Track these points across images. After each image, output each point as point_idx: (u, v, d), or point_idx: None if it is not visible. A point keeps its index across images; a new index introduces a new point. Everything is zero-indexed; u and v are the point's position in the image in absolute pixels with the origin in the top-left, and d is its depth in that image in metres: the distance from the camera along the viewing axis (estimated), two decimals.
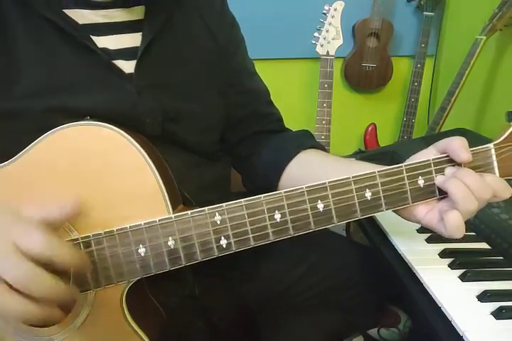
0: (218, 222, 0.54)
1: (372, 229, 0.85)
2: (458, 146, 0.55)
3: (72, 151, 0.55)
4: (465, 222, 0.55)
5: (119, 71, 0.65)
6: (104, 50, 0.64)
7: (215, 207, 0.55)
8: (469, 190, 0.54)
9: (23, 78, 0.60)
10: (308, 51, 1.73)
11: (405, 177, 0.57)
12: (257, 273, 0.83)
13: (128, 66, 0.66)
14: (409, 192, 0.57)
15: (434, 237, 0.77)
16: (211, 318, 0.75)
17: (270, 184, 0.77)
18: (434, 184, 0.57)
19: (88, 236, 0.54)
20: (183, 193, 0.63)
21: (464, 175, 0.54)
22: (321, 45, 1.58)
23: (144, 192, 0.55)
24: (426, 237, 0.77)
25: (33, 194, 0.54)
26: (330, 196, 0.55)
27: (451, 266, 0.69)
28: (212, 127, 0.78)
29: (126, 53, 0.66)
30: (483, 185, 0.54)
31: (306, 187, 0.55)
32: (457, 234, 0.55)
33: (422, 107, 1.91)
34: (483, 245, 0.76)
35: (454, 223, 0.54)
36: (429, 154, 0.58)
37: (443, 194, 0.57)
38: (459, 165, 0.57)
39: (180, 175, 0.62)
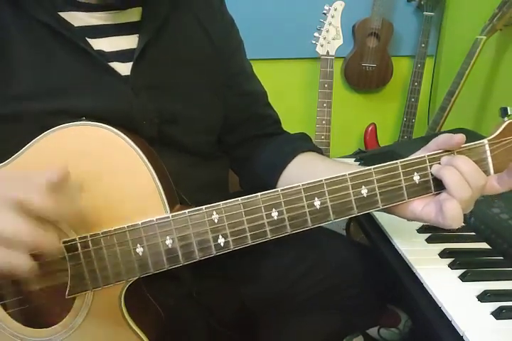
0: (216, 221, 0.55)
1: (372, 229, 0.84)
2: (447, 135, 0.57)
3: (69, 152, 0.55)
4: (464, 222, 0.55)
5: (115, 73, 0.65)
6: (100, 52, 0.64)
7: (213, 206, 0.55)
8: (463, 176, 0.54)
9: (19, 81, 0.60)
10: (308, 51, 1.73)
11: (401, 174, 0.57)
12: (257, 273, 0.82)
13: (124, 68, 0.66)
14: (404, 189, 0.57)
15: (434, 237, 0.77)
16: (210, 318, 0.75)
17: (267, 187, 0.76)
18: (429, 180, 0.57)
19: (86, 237, 0.54)
20: (180, 194, 0.63)
21: (458, 162, 0.55)
22: (321, 45, 1.58)
23: (141, 192, 0.55)
24: (426, 237, 0.77)
25: None
26: (326, 193, 0.56)
27: (451, 266, 0.69)
28: (209, 129, 0.78)
29: (122, 55, 0.66)
30: (477, 171, 0.55)
31: (303, 185, 0.55)
32: (455, 224, 0.55)
33: (422, 107, 1.91)
34: (483, 245, 0.76)
35: (452, 212, 0.54)
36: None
37: (438, 190, 0.58)
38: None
39: (177, 176, 0.62)
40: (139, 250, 0.54)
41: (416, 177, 0.57)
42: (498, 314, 0.58)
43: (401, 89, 2.03)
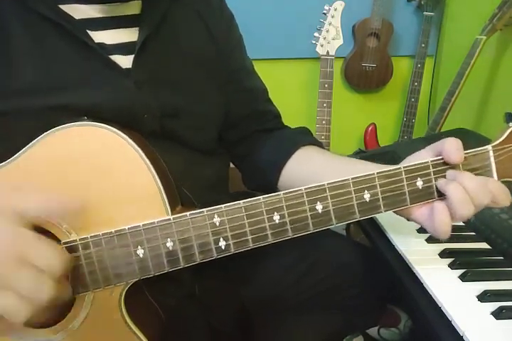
0: (217, 224, 0.54)
1: (372, 229, 0.84)
2: (449, 148, 0.56)
3: (69, 152, 0.55)
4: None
5: (116, 66, 0.64)
6: (101, 44, 0.64)
7: (214, 209, 0.54)
8: (468, 194, 0.54)
9: (19, 76, 0.59)
10: (308, 51, 1.73)
11: (404, 179, 0.57)
12: (257, 274, 0.82)
13: (125, 61, 0.65)
14: (407, 194, 0.57)
15: (434, 237, 0.77)
16: (210, 318, 0.75)
17: (270, 182, 0.77)
18: (432, 186, 0.57)
19: (86, 238, 0.54)
20: (183, 190, 0.62)
21: (465, 180, 0.55)
22: (321, 45, 1.58)
23: (143, 193, 0.55)
24: (426, 237, 0.77)
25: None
26: (329, 197, 0.55)
27: (451, 266, 0.69)
28: (211, 124, 0.77)
29: (123, 48, 0.66)
30: (483, 190, 0.55)
31: (305, 189, 0.55)
32: (443, 230, 0.55)
33: (422, 107, 1.91)
34: (483, 245, 0.76)
35: (442, 228, 0.55)
36: (425, 155, 0.59)
37: (441, 196, 0.57)
38: (458, 165, 0.57)
39: (179, 171, 0.62)
40: (140, 252, 0.54)
41: (419, 183, 0.57)
42: (498, 314, 0.58)
43: (401, 89, 2.03)
